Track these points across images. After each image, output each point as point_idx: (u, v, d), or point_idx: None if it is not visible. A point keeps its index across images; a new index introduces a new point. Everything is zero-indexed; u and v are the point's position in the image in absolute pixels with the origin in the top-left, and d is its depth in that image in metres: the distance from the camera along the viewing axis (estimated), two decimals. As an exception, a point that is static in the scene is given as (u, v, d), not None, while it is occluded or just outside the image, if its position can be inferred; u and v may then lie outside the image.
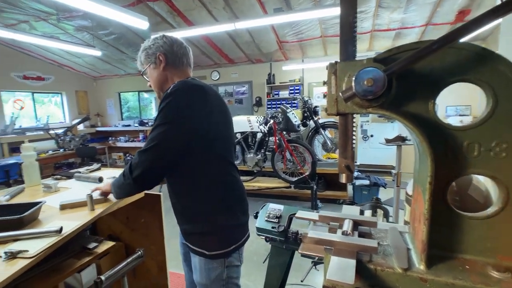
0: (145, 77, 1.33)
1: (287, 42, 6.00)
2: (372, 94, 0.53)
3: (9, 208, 1.38)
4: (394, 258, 0.65)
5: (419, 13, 4.64)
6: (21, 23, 5.35)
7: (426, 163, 0.58)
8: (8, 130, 6.53)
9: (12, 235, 1.15)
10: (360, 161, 6.00)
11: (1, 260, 1.01)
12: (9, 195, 1.65)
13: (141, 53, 1.30)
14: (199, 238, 1.21)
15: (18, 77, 7.03)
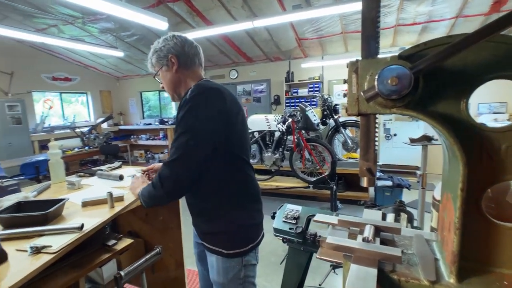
0: (156, 79, 1.31)
1: (306, 39, 5.90)
2: (396, 93, 0.49)
3: (35, 204, 1.46)
4: (420, 269, 0.61)
5: (449, 4, 4.36)
6: (51, 27, 5.61)
7: (457, 167, 0.53)
8: (38, 128, 6.87)
9: (37, 231, 1.21)
10: (383, 161, 5.82)
11: (27, 254, 1.06)
12: (37, 191, 1.74)
13: (152, 55, 1.26)
14: (217, 237, 1.21)
15: (47, 78, 7.40)
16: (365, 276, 0.59)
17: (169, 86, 1.26)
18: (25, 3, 4.67)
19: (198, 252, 1.42)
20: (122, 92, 9.69)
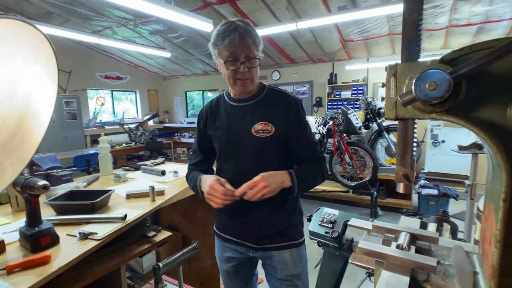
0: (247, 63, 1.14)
1: (351, 41, 5.76)
2: (434, 99, 0.48)
3: (85, 193, 1.58)
4: (456, 281, 0.59)
5: (508, 4, 4.02)
6: (106, 29, 6.07)
7: (500, 177, 0.51)
8: (91, 123, 7.45)
9: (85, 218, 1.31)
10: (428, 168, 5.47)
11: (76, 239, 1.16)
12: (87, 182, 1.88)
13: (256, 38, 1.12)
14: (294, 228, 1.28)
15: (101, 76, 8.03)
16: (396, 284, 0.59)
17: (256, 77, 1.19)
18: (84, 7, 5.10)
19: (235, 266, 1.35)
20: (168, 91, 10.18)
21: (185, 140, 9.21)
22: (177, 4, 4.66)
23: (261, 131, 1.19)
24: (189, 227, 2.28)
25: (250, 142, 1.19)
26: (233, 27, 1.08)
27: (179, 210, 2.29)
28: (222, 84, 8.90)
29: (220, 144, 1.25)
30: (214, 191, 1.09)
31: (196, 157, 1.36)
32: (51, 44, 0.49)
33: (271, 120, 1.19)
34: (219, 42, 1.10)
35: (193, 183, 1.25)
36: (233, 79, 1.14)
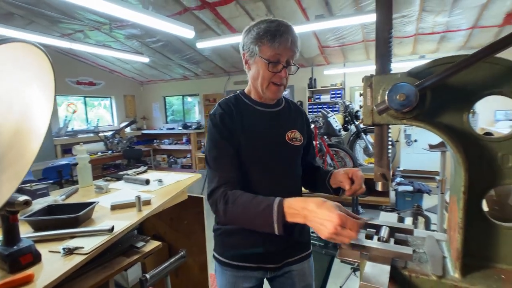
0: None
1: (328, 47, 5.97)
2: (404, 107, 0.57)
3: (65, 207, 1.48)
4: (429, 266, 0.67)
5: (465, 16, 4.44)
6: (77, 32, 5.82)
7: (460, 173, 0.60)
8: (61, 132, 7.07)
9: (69, 233, 1.23)
10: (403, 166, 5.74)
11: (60, 255, 1.09)
12: (65, 195, 1.76)
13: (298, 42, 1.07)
14: (307, 235, 1.24)
15: (72, 82, 7.69)
16: (379, 272, 0.66)
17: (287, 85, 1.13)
18: (52, 9, 4.84)
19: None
20: (146, 97, 9.97)
21: (165, 146, 9.07)
22: (155, 9, 4.66)
23: (294, 139, 1.15)
24: (175, 236, 2.24)
25: (286, 151, 1.13)
26: (285, 28, 1.01)
27: (164, 220, 2.25)
28: (202, 89, 8.89)
29: (254, 152, 1.08)
30: (351, 225, 0.73)
31: (231, 169, 1.03)
32: (50, 61, 0.53)
33: (300, 129, 1.18)
34: (266, 39, 1.00)
35: (258, 211, 0.88)
36: (268, 82, 1.06)
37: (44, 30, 5.52)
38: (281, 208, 0.84)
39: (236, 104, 1.11)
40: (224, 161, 1.03)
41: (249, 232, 1.01)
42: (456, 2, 4.13)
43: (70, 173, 5.44)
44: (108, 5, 2.76)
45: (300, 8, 4.45)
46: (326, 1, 4.23)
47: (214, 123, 1.06)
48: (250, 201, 0.91)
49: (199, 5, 4.59)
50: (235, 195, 0.94)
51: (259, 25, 1.04)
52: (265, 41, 1.00)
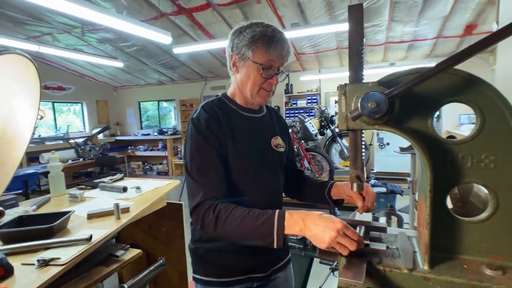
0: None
1: (304, 53, 6.13)
2: (375, 114, 0.62)
3: (37, 218, 1.39)
4: (401, 260, 0.72)
5: (430, 26, 4.77)
6: (45, 35, 5.59)
7: (426, 173, 0.66)
8: None
9: (43, 244, 1.16)
10: (377, 168, 5.97)
11: (34, 267, 1.02)
12: (36, 205, 1.67)
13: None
14: (288, 240, 1.30)
15: (38, 87, 7.38)
16: (356, 268, 0.70)
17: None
18: (17, 10, 4.62)
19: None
20: (119, 102, 9.71)
21: (140, 153, 8.85)
22: (129, 13, 4.59)
23: (279, 145, 1.13)
24: (153, 244, 2.17)
25: (273, 158, 1.11)
26: (280, 35, 1.00)
27: (141, 227, 2.20)
28: (179, 94, 8.80)
29: (242, 160, 1.02)
30: (352, 234, 0.75)
31: (218, 181, 0.96)
32: (37, 70, 0.53)
33: (282, 135, 1.17)
34: (261, 44, 0.97)
35: (256, 225, 0.84)
36: (259, 88, 1.02)
37: (7, 32, 5.24)
38: (282, 221, 0.82)
39: (221, 108, 1.04)
40: (211, 172, 0.95)
41: (239, 246, 0.99)
42: (422, 13, 4.40)
43: (37, 183, 5.15)
44: (80, 9, 2.67)
45: (276, 16, 4.55)
46: (301, 9, 4.36)
47: (199, 129, 0.97)
48: (247, 215, 0.86)
49: (175, 10, 4.58)
50: (228, 209, 0.89)
51: (253, 28, 1.00)
52: (260, 45, 0.97)
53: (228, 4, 4.36)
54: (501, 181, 0.63)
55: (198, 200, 0.92)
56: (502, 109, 0.63)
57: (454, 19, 4.54)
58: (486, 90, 0.63)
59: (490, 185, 0.64)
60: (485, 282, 0.59)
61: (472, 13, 4.35)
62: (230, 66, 1.07)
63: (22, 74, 0.47)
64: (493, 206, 0.64)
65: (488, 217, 0.65)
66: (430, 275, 0.64)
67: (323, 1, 4.13)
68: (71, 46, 6.03)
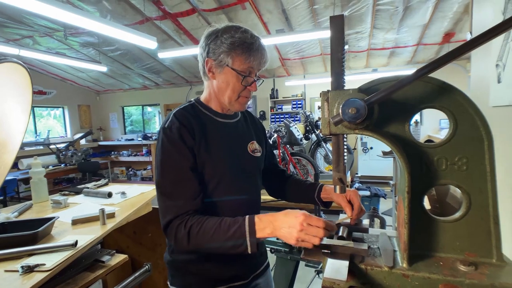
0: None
1: (289, 59, 6.22)
2: (356, 119, 0.65)
3: (20, 224, 1.39)
4: (382, 259, 0.75)
5: (410, 34, 4.96)
6: (25, 38, 5.49)
7: (404, 175, 0.70)
8: None
9: (27, 250, 1.16)
10: (361, 172, 6.10)
11: (18, 274, 1.02)
12: (17, 211, 1.66)
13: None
14: (265, 246, 1.30)
15: (18, 91, 7.16)
16: (339, 267, 0.73)
17: None
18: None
19: None
20: (102, 107, 9.56)
21: (123, 158, 8.69)
22: (114, 18, 4.55)
23: (255, 150, 1.12)
24: (138, 250, 2.17)
25: (250, 164, 1.10)
26: (259, 42, 0.99)
27: (126, 233, 2.19)
28: (163, 98, 8.73)
29: (218, 168, 1.00)
30: (316, 222, 0.79)
31: (192, 196, 0.92)
32: (30, 76, 0.54)
33: (258, 139, 1.17)
34: (240, 51, 0.95)
35: (228, 236, 0.84)
36: (238, 95, 1.01)
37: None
38: (253, 226, 0.83)
39: (195, 115, 1.00)
40: (183, 186, 0.91)
41: (218, 256, 0.98)
42: (402, 21, 4.56)
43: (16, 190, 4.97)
44: (62, 13, 2.62)
45: (262, 22, 4.61)
46: (286, 16, 4.44)
47: (171, 139, 0.92)
48: (218, 226, 0.85)
49: (160, 15, 4.57)
50: (200, 222, 0.87)
51: (231, 33, 0.96)
52: (240, 53, 0.95)
53: (214, 10, 4.39)
54: (473, 182, 0.68)
55: (169, 217, 0.90)
56: (473, 115, 0.67)
57: (433, 27, 4.73)
58: (458, 97, 0.67)
59: (463, 186, 0.68)
60: (458, 277, 0.62)
61: (450, 22, 4.55)
62: (204, 71, 1.02)
63: (15, 80, 0.48)
64: (466, 206, 0.68)
65: (462, 217, 0.68)
66: (408, 272, 0.67)
67: (307, 8, 4.22)
68: (53, 50, 5.91)
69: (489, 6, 1.24)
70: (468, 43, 0.57)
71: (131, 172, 8.73)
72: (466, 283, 0.61)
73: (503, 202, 1.10)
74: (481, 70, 1.37)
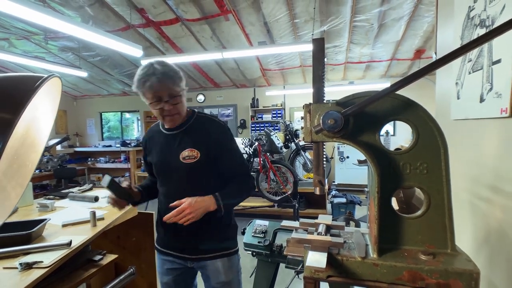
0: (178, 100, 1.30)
1: (270, 70, 6.39)
2: (334, 129, 0.75)
3: (11, 226, 1.41)
4: (356, 251, 0.85)
5: (384, 49, 5.27)
6: (0, 40, 5.34)
7: (374, 178, 0.80)
8: None
9: (23, 249, 1.21)
10: (338, 180, 6.29)
11: (17, 271, 1.07)
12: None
13: (178, 77, 1.28)
14: (227, 241, 1.44)
15: (-10, 94, 6.88)
16: (319, 258, 0.82)
17: (183, 110, 1.34)
18: None
19: (175, 277, 1.46)
20: (80, 112, 9.29)
21: (100, 165, 8.44)
22: (96, 23, 4.53)
23: (187, 157, 1.32)
24: (122, 254, 2.17)
25: (178, 168, 1.33)
26: (151, 72, 1.21)
27: (110, 238, 2.18)
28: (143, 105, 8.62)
29: (155, 170, 1.42)
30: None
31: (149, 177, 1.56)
32: (62, 85, 0.60)
33: (197, 146, 1.32)
34: (140, 86, 1.24)
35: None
36: (162, 116, 1.29)
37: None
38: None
39: (155, 131, 1.45)
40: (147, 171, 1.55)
41: (172, 228, 1.33)
42: (377, 37, 4.84)
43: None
44: (42, 17, 2.58)
45: (244, 33, 4.75)
46: (268, 28, 4.60)
47: (142, 146, 1.51)
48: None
49: (143, 23, 4.60)
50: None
51: (136, 76, 1.26)
52: (140, 87, 1.24)
53: (197, 20, 4.48)
54: (432, 184, 0.79)
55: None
56: (432, 127, 0.79)
57: (405, 44, 5.06)
58: (419, 112, 0.79)
59: (424, 187, 0.79)
60: (419, 265, 0.73)
61: (421, 40, 4.88)
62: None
63: (49, 88, 0.54)
64: (426, 205, 0.79)
65: (422, 214, 0.80)
66: (378, 261, 0.77)
67: (288, 22, 4.40)
68: (30, 53, 5.75)
69: (451, 29, 1.40)
70: (427, 67, 0.69)
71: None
72: (425, 269, 0.72)
73: (463, 202, 1.24)
74: (444, 87, 1.54)
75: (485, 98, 1.01)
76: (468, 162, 1.22)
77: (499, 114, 0.92)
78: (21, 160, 0.58)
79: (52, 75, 0.50)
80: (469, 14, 1.14)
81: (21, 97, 0.43)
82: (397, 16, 4.25)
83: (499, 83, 0.93)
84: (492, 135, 1.03)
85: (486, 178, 1.08)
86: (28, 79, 0.47)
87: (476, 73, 1.09)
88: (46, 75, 0.49)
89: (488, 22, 0.99)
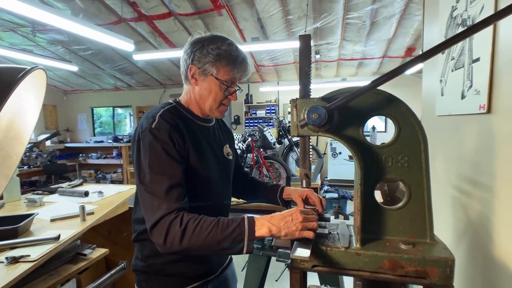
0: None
1: (263, 66, 6.39)
2: (318, 124, 0.78)
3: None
4: (340, 242, 0.88)
5: (376, 47, 5.31)
6: None
7: (358, 171, 0.83)
8: None
9: (9, 243, 1.19)
10: (330, 176, 6.35)
11: (3, 265, 1.06)
12: None
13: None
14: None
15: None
16: (303, 249, 0.84)
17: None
18: None
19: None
20: (70, 107, 9.18)
21: (92, 161, 8.37)
22: (86, 17, 4.47)
23: (229, 154, 1.19)
24: (113, 249, 2.17)
25: (226, 166, 1.16)
26: (244, 56, 1.05)
27: (101, 233, 2.19)
28: (136, 100, 8.58)
29: (202, 170, 1.03)
30: (308, 211, 0.90)
31: (181, 195, 0.92)
32: (47, 77, 0.61)
33: (228, 143, 1.23)
34: (226, 63, 1.00)
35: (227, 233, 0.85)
36: (219, 103, 1.05)
37: None
38: (252, 226, 0.85)
39: (180, 117, 1.02)
40: (175, 186, 0.90)
41: (194, 255, 1.02)
42: (369, 35, 4.89)
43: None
44: (30, 9, 2.49)
45: (238, 28, 4.74)
46: (261, 24, 4.60)
47: (160, 139, 0.92)
48: (216, 224, 0.85)
49: (135, 17, 4.56)
50: (196, 219, 0.86)
51: (217, 45, 1.00)
52: (225, 64, 1.00)
53: (190, 15, 4.46)
54: (412, 177, 0.82)
55: (161, 213, 0.86)
56: (413, 122, 0.82)
57: (396, 41, 5.12)
58: (401, 107, 0.82)
59: (405, 180, 0.82)
60: (399, 254, 0.76)
61: (411, 38, 4.94)
62: (187, 76, 1.04)
63: (33, 80, 0.55)
64: (407, 197, 0.83)
65: (403, 205, 0.83)
66: (361, 251, 0.80)
67: (281, 18, 4.41)
68: (17, 46, 5.64)
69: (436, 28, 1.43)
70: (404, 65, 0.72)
71: (100, 175, 8.44)
72: (404, 258, 0.76)
73: (444, 194, 1.28)
74: (429, 84, 1.58)
75: (466, 94, 1.05)
76: (451, 157, 1.26)
77: (478, 110, 0.96)
78: (6, 152, 0.59)
79: (36, 66, 0.51)
80: (452, 14, 1.18)
81: (3, 89, 0.44)
82: (388, 14, 4.29)
83: (478, 80, 0.96)
84: (472, 130, 1.06)
85: (466, 172, 1.12)
86: (11, 71, 0.48)
87: (458, 70, 1.12)
88: (30, 67, 0.51)
89: (469, 22, 1.02)
